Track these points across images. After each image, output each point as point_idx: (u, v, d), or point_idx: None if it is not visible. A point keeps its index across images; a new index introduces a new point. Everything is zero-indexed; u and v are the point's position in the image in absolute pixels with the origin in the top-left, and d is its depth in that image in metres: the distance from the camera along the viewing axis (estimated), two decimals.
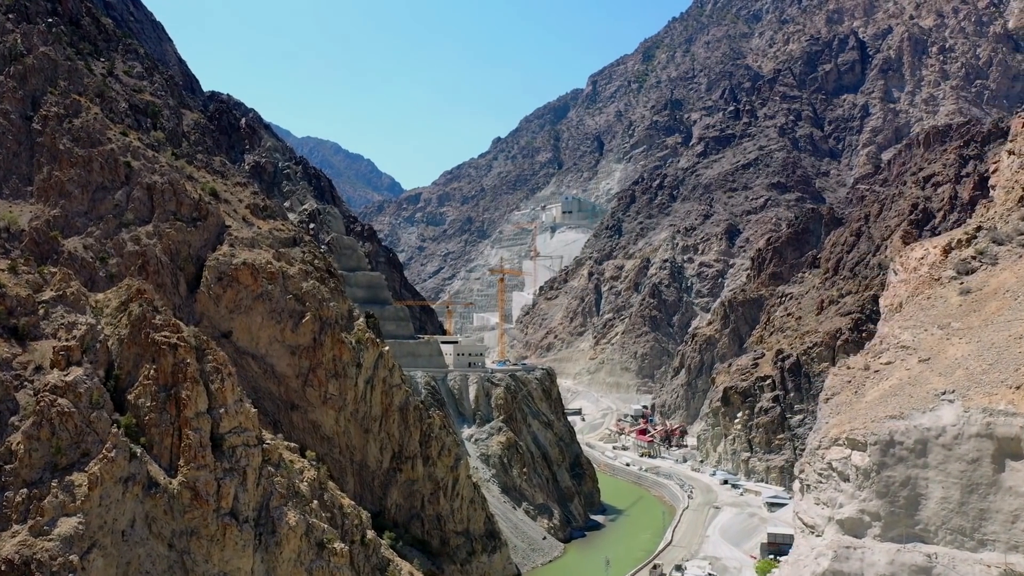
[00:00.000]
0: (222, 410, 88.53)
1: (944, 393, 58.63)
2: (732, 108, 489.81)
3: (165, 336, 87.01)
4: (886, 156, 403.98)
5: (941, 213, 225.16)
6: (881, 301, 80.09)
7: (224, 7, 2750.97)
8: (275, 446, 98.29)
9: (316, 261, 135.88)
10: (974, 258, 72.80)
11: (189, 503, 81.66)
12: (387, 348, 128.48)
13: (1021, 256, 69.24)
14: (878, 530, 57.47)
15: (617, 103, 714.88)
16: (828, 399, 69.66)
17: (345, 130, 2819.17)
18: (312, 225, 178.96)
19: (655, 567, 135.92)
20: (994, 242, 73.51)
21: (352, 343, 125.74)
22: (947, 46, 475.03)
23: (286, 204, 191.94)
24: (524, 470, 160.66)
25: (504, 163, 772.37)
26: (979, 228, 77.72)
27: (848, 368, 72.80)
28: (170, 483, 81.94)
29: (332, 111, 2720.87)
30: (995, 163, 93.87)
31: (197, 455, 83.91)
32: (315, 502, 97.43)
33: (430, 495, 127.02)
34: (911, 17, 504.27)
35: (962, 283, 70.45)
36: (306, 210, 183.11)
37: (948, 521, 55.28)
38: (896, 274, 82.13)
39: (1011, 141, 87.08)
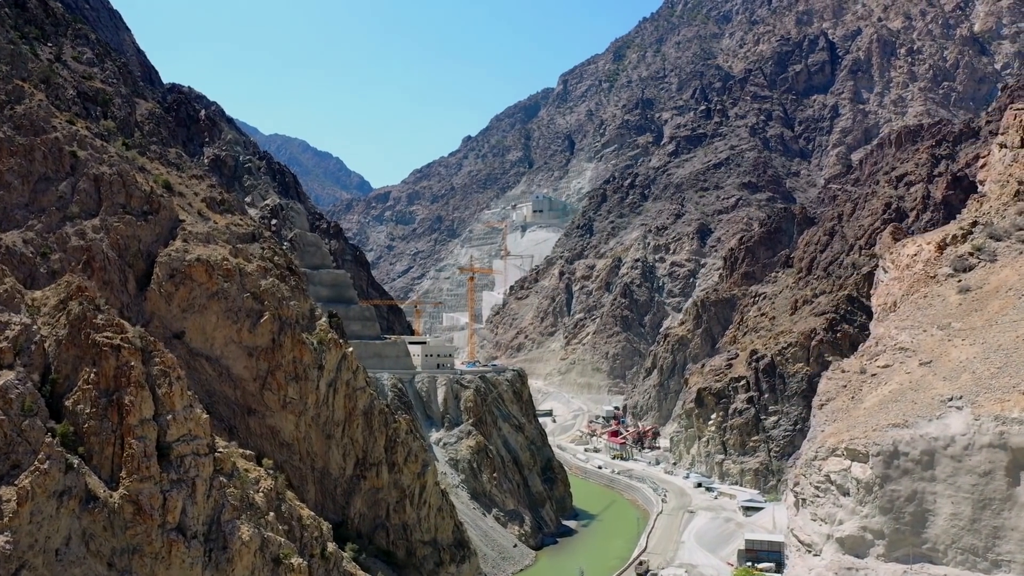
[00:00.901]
0: (169, 416, 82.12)
1: (951, 399, 54.57)
2: (703, 108, 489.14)
3: (107, 337, 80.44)
4: (856, 156, 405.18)
5: (914, 212, 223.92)
6: (873, 300, 76.18)
7: (189, 1, 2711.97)
8: (228, 454, 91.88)
9: (276, 258, 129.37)
10: (971, 254, 69.19)
11: (131, 518, 75.27)
12: (351, 349, 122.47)
13: (1022, 252, 65.67)
14: (882, 549, 53.14)
15: (588, 102, 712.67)
16: (823, 405, 65.16)
17: (314, 128, 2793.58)
18: (274, 221, 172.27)
19: (641, 563, 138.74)
20: (992, 238, 69.97)
21: (313, 344, 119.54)
22: (915, 48, 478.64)
23: (247, 199, 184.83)
24: (494, 475, 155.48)
25: (474, 162, 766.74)
26: (975, 223, 74.13)
27: (843, 371, 68.50)
28: (111, 497, 75.44)
29: (300, 108, 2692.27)
30: (984, 157, 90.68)
31: (141, 466, 77.44)
32: (271, 514, 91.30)
33: (396, 503, 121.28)
34: (879, 19, 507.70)
35: (960, 281, 66.73)
36: (268, 205, 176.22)
37: (959, 540, 51.13)
38: (887, 272, 78.24)
39: (1002, 134, 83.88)
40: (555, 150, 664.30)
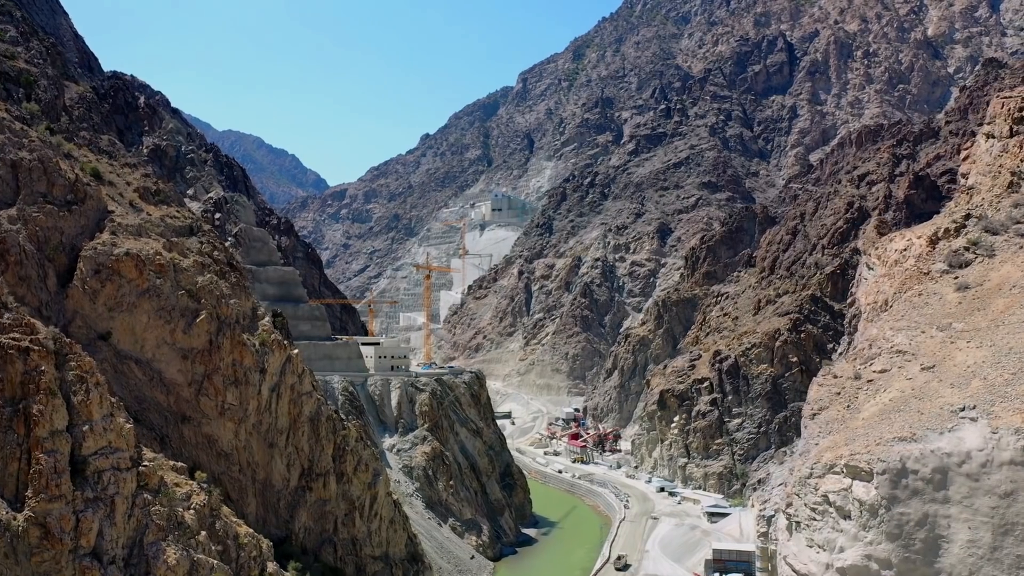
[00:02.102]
0: (86, 427, 73.44)
1: (963, 409, 49.03)
2: (663, 107, 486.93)
3: (14, 339, 71.52)
4: (814, 157, 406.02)
5: (876, 212, 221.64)
6: (861, 298, 70.89)
7: None
8: (154, 468, 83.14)
9: (216, 253, 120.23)
10: (967, 249, 64.23)
11: (38, 543, 66.50)
12: (296, 351, 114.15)
13: (1022, 247, 60.81)
14: None
15: (547, 101, 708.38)
16: (815, 415, 59.20)
17: (269, 124, 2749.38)
18: (218, 215, 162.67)
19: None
20: (987, 231, 65.09)
21: (255, 346, 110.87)
22: (871, 51, 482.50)
23: (190, 192, 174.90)
24: (451, 483, 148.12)
25: (432, 160, 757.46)
26: (967, 216, 69.27)
27: (835, 377, 62.74)
28: (14, 519, 66.53)
29: (255, 104, 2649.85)
30: (967, 149, 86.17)
31: (50, 484, 68.64)
32: (203, 533, 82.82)
33: (344, 516, 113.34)
34: (836, 22, 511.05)
35: (957, 277, 61.65)
36: (211, 198, 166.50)
37: (977, 570, 45.40)
38: (871, 268, 73.06)
39: (988, 124, 79.45)
40: (514, 148, 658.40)
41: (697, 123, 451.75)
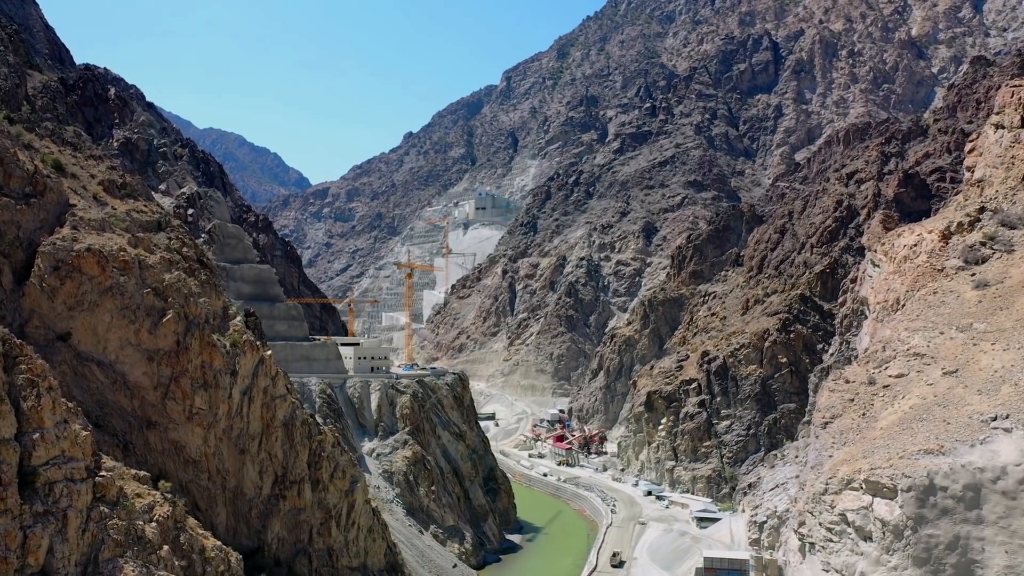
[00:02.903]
0: (36, 435, 67.96)
1: (995, 419, 44.76)
2: (648, 105, 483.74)
3: None
4: (800, 156, 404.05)
5: (865, 210, 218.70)
6: (870, 296, 66.67)
7: None
8: (113, 478, 77.53)
9: (185, 249, 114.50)
10: (983, 244, 60.26)
11: None
12: (269, 352, 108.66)
13: None
14: None
15: (532, 99, 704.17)
16: (827, 423, 54.56)
17: (250, 122, 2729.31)
18: (191, 211, 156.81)
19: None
20: (1004, 225, 61.17)
21: (226, 347, 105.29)
22: (856, 50, 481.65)
23: (162, 187, 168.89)
24: (432, 488, 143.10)
25: (416, 158, 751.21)
26: (981, 209, 65.26)
27: (846, 381, 58.22)
28: None
29: (237, 102, 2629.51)
30: (973, 141, 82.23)
31: None
32: (165, 548, 77.29)
33: (320, 525, 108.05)
34: (821, 21, 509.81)
35: (974, 275, 57.63)
36: (184, 193, 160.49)
37: None
38: (878, 265, 68.87)
39: (997, 114, 75.68)
40: (498, 147, 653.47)
41: (682, 122, 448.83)
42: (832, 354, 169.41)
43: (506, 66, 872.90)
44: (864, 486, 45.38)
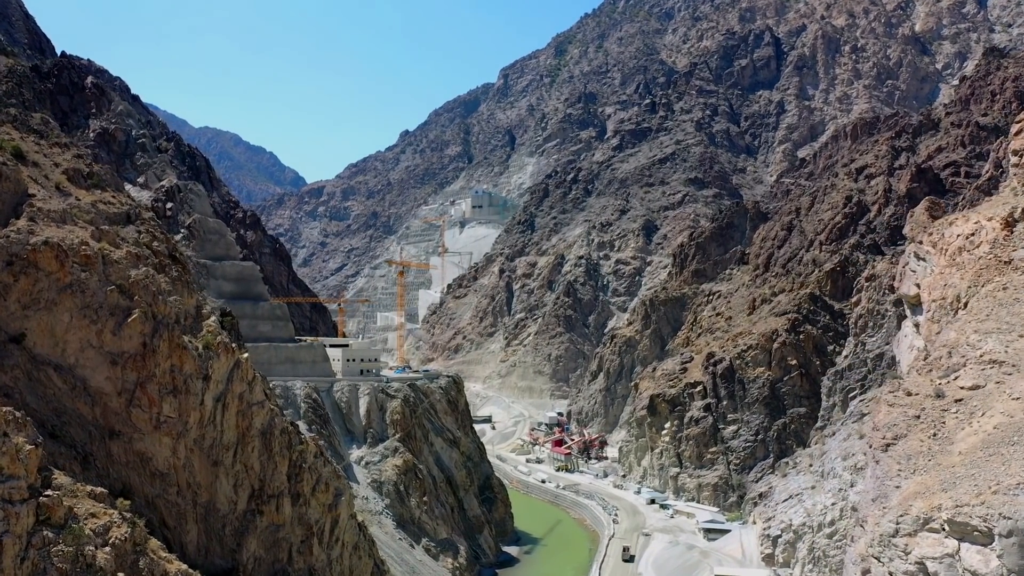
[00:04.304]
0: None
1: None
2: (647, 102, 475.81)
3: None
4: (803, 153, 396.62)
5: (876, 206, 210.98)
6: (922, 294, 58.72)
7: None
8: (60, 498, 68.89)
9: (156, 243, 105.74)
10: None
11: None
12: (246, 355, 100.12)
13: None
14: None
15: (529, 97, 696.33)
16: (889, 445, 46.25)
17: (247, 121, 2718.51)
18: (170, 204, 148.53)
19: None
20: None
21: (198, 349, 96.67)
22: (859, 46, 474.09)
23: (140, 179, 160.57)
24: (424, 499, 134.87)
25: (412, 156, 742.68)
26: None
27: (908, 394, 49.93)
28: None
29: (233, 100, 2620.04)
30: (1018, 123, 74.23)
31: None
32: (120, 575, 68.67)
33: (301, 543, 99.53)
34: (823, 17, 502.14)
35: None
36: (163, 187, 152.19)
37: None
38: (924, 259, 60.99)
39: None
40: (495, 145, 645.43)
41: (683, 118, 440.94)
42: (847, 356, 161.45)
43: (503, 64, 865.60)
44: (948, 527, 37.15)
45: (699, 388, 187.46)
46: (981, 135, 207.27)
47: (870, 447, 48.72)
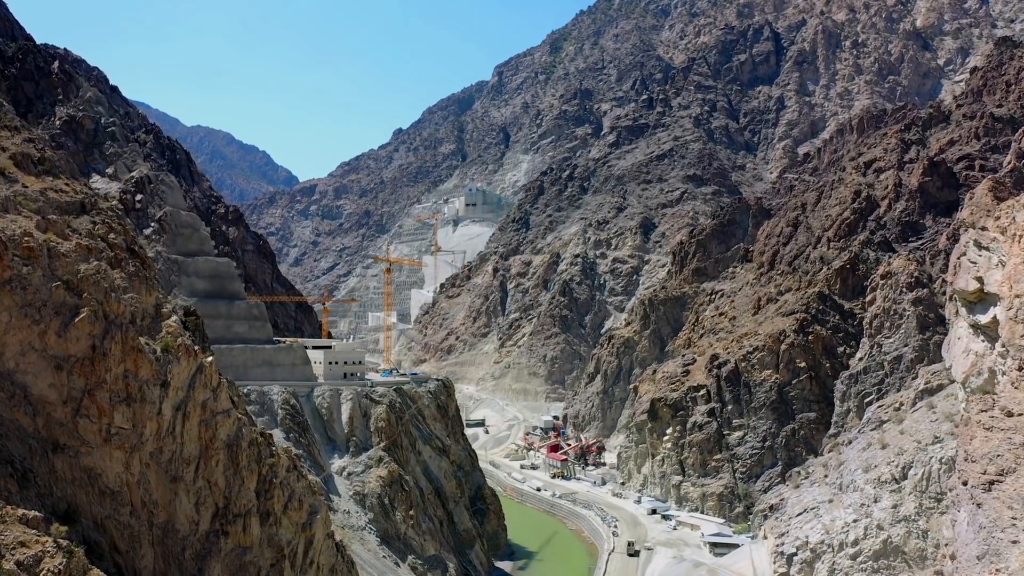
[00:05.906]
0: None
1: None
2: (645, 98, 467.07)
3: None
4: (802, 150, 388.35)
5: (886, 201, 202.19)
6: (1002, 288, 49.68)
7: None
8: None
9: (112, 236, 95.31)
10: None
11: None
12: (210, 359, 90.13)
13: None
14: None
15: (524, 94, 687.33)
16: (993, 482, 36.92)
17: (239, 120, 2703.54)
18: (140, 196, 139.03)
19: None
20: None
21: (155, 352, 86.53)
22: (859, 41, 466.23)
23: (109, 170, 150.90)
24: (411, 512, 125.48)
25: (405, 155, 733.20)
26: None
27: (1009, 415, 40.81)
28: None
29: (225, 100, 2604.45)
30: None
31: None
32: None
33: (270, 567, 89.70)
34: (822, 12, 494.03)
35: None
36: (133, 177, 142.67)
37: None
38: (988, 248, 52.18)
39: None
40: (489, 143, 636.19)
41: (681, 114, 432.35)
42: (861, 359, 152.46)
43: (497, 61, 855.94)
44: None
45: (702, 392, 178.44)
46: (996, 127, 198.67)
47: (963, 484, 39.35)
